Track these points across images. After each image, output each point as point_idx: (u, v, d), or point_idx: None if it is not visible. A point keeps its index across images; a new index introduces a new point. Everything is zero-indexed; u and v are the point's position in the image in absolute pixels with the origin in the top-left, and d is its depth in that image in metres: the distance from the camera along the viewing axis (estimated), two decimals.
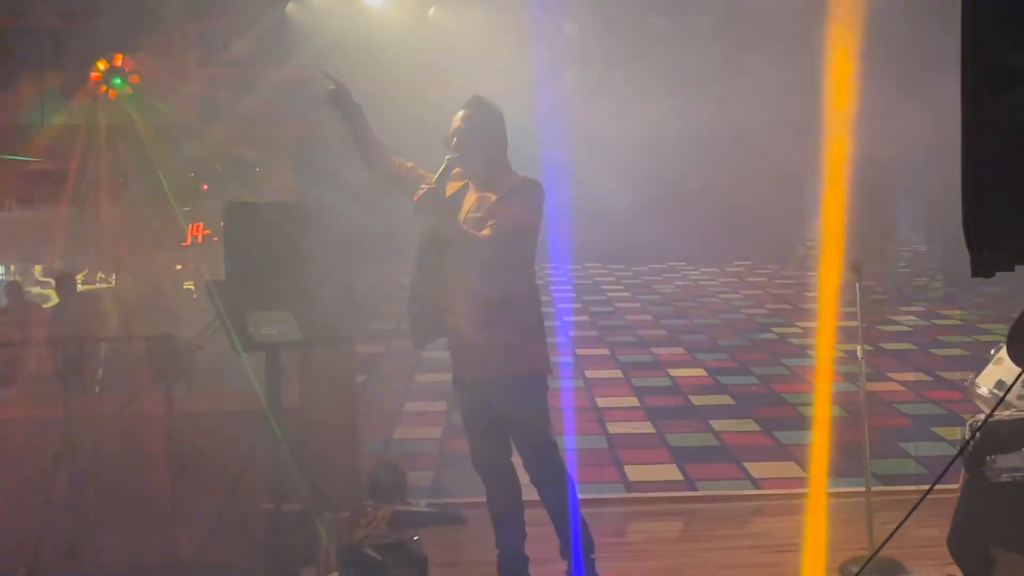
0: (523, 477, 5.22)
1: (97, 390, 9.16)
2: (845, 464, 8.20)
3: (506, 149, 5.15)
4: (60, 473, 6.62)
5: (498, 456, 5.22)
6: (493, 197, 5.01)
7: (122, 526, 6.62)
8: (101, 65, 8.56)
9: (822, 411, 5.84)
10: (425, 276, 5.10)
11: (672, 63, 8.11)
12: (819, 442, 5.76)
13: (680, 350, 14.04)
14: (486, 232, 4.91)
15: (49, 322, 11.28)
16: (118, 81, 8.39)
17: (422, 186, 4.92)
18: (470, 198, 5.13)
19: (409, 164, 5.23)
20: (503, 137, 5.14)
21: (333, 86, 5.05)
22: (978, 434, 4.27)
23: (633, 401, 11.18)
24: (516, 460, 5.25)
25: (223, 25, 7.19)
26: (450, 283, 5.02)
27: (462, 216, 5.07)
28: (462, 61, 4.87)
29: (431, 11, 7.64)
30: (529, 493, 5.23)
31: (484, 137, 5.08)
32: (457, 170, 5.09)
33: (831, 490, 7.75)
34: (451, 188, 5.13)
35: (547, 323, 5.16)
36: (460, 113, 5.12)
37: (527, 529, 5.27)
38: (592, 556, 5.05)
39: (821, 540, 5.06)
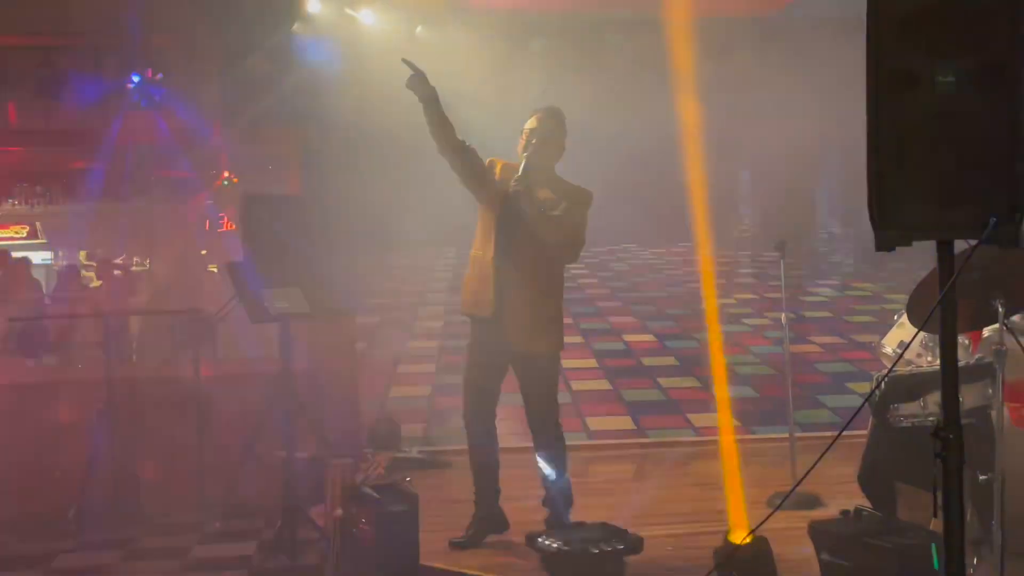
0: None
1: (134, 357, 9.13)
2: (772, 414, 8.25)
3: (559, 158, 5.09)
4: (103, 428, 6.60)
5: (489, 417, 5.20)
6: (550, 193, 4.94)
7: (157, 472, 6.61)
8: (135, 77, 8.50)
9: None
10: (498, 253, 4.99)
11: (624, 73, 8.11)
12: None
13: (632, 319, 14.06)
14: (558, 216, 4.87)
15: (93, 299, 11.22)
16: (149, 90, 8.32)
17: (513, 180, 4.85)
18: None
19: (472, 147, 5.07)
20: (562, 146, 5.09)
21: (413, 72, 4.93)
22: (883, 386, 4.30)
23: (593, 363, 11.19)
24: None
25: (240, 40, 7.12)
26: (515, 261, 4.95)
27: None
28: (446, 72, 4.84)
29: (418, 29, 7.60)
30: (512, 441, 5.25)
31: (552, 140, 5.02)
32: (532, 171, 4.95)
33: (760, 436, 7.81)
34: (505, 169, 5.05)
35: None
36: (536, 116, 5.04)
37: (515, 471, 5.28)
38: (568, 510, 5.05)
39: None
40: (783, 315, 5.94)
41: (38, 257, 14.53)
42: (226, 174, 12.84)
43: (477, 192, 5.08)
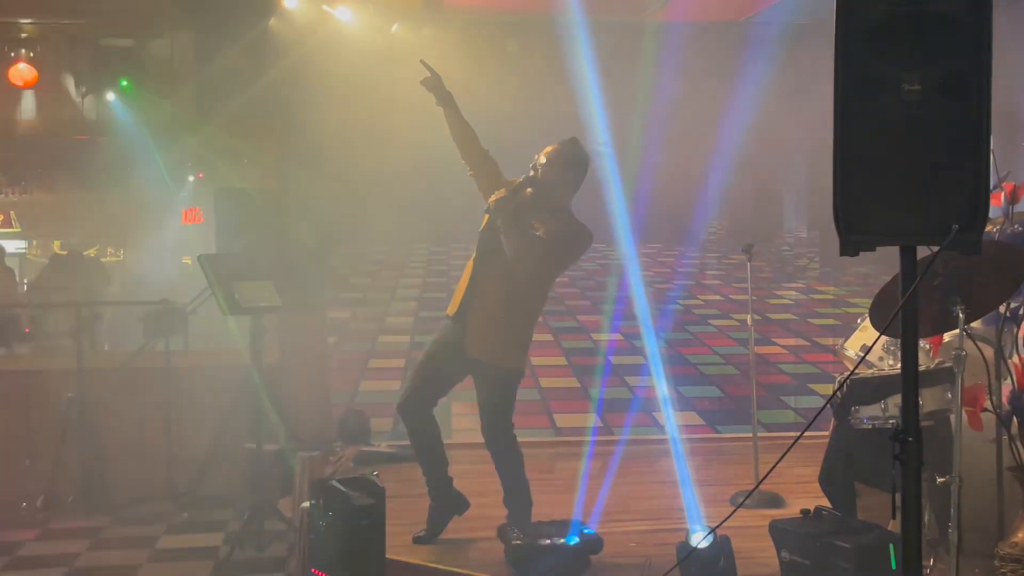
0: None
1: (106, 346, 9.05)
2: (736, 413, 8.29)
3: (573, 193, 4.89)
4: (72, 416, 6.54)
5: (425, 404, 5.04)
6: (546, 219, 4.74)
7: (126, 462, 6.56)
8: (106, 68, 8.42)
9: None
10: (478, 257, 4.90)
11: (599, 75, 8.11)
12: None
13: (601, 318, 14.08)
14: (538, 233, 4.68)
15: (63, 289, 11.10)
16: (124, 83, 8.23)
17: (499, 192, 4.69)
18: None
19: (493, 158, 4.96)
20: (577, 182, 4.88)
21: (429, 75, 4.84)
22: (844, 388, 4.31)
23: (561, 360, 11.21)
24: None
25: (215, 34, 7.06)
26: (490, 269, 4.84)
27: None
28: (421, 68, 4.81)
29: (394, 27, 7.56)
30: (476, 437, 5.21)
31: (563, 176, 4.81)
32: (529, 190, 4.77)
33: (724, 435, 7.84)
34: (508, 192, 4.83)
35: None
36: (554, 147, 4.83)
37: (479, 467, 5.22)
38: (528, 509, 4.97)
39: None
40: (749, 316, 5.95)
41: (12, 246, 14.36)
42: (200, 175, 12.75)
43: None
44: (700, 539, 4.04)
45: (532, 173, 4.79)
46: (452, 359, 4.96)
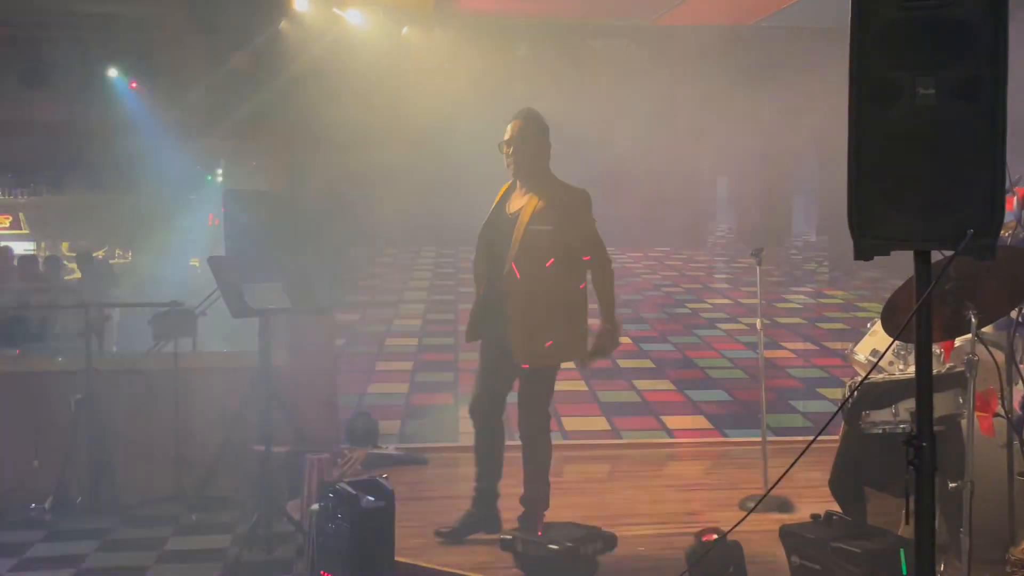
0: None
1: (115, 348, 9.05)
2: (745, 417, 8.27)
3: (548, 157, 5.08)
4: (81, 418, 6.55)
5: (494, 409, 5.17)
6: (548, 198, 4.94)
7: (135, 463, 6.56)
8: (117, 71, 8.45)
9: None
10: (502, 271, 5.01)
11: (606, 78, 8.12)
12: None
13: None
14: (594, 250, 4.99)
15: (75, 290, 11.12)
16: (133, 85, 8.26)
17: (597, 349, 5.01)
18: (517, 196, 5.06)
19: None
20: (547, 145, 5.07)
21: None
22: (855, 393, 4.30)
23: (569, 364, 11.17)
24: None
25: (227, 37, 7.07)
26: (531, 282, 4.94)
27: (509, 210, 5.03)
28: (431, 71, 4.80)
29: (404, 30, 7.56)
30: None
31: (533, 144, 5.00)
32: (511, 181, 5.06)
33: (733, 439, 7.82)
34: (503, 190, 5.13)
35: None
36: (512, 123, 5.02)
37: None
38: (543, 512, 5.02)
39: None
40: (758, 320, 5.94)
41: (20, 247, 14.39)
42: (217, 171, 12.78)
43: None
44: (710, 544, 4.03)
45: (507, 150, 4.98)
46: (503, 366, 5.06)
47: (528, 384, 5.02)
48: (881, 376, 4.69)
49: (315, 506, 4.54)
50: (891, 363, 5.02)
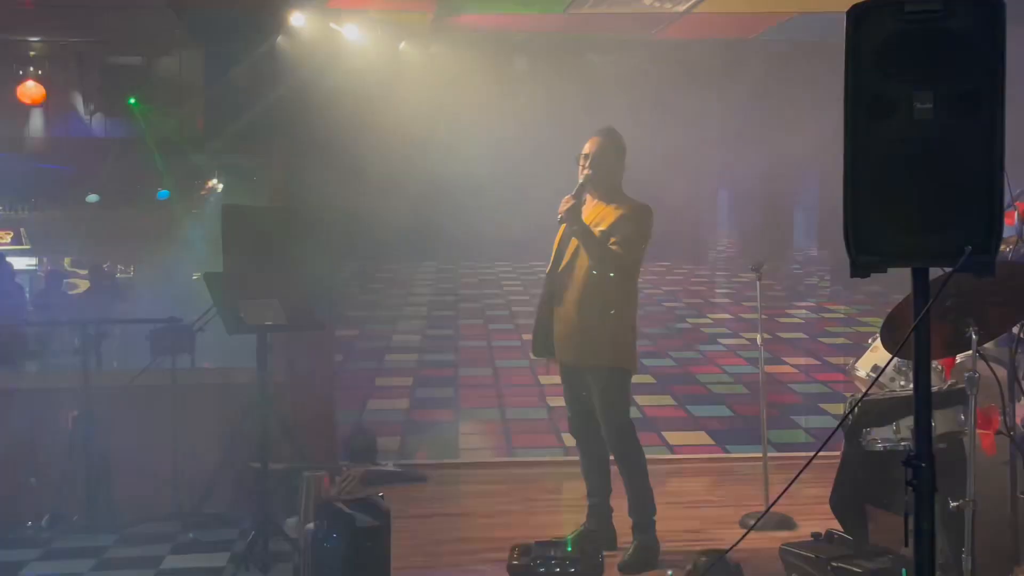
0: None
1: (113, 364, 9.02)
2: (746, 433, 8.22)
3: (622, 174, 5.20)
4: (78, 435, 6.51)
5: (588, 424, 5.25)
6: (612, 212, 5.06)
7: (132, 481, 6.52)
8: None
9: None
10: (555, 275, 5.14)
11: (605, 94, 8.10)
12: None
13: None
14: (614, 247, 4.98)
15: (75, 306, 11.11)
16: (132, 101, 8.26)
17: (566, 200, 4.96)
18: (588, 208, 5.16)
19: None
20: (622, 165, 5.19)
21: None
22: (857, 409, 4.26)
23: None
24: None
25: (223, 52, 7.06)
26: (575, 282, 5.05)
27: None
28: (428, 86, 4.79)
29: (401, 45, 7.54)
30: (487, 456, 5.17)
31: (611, 161, 5.13)
32: (590, 187, 5.13)
33: (734, 455, 7.77)
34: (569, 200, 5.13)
35: (506, 312, 5.16)
36: (592, 139, 5.16)
37: (487, 487, 5.24)
38: (654, 517, 5.13)
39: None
40: (759, 335, 5.91)
41: (22, 263, 14.39)
42: (209, 185, 12.77)
43: None
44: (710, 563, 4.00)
45: (582, 164, 5.08)
46: (572, 374, 5.19)
47: (598, 390, 5.10)
48: (882, 392, 4.65)
49: (310, 525, 4.50)
50: (892, 379, 4.99)
